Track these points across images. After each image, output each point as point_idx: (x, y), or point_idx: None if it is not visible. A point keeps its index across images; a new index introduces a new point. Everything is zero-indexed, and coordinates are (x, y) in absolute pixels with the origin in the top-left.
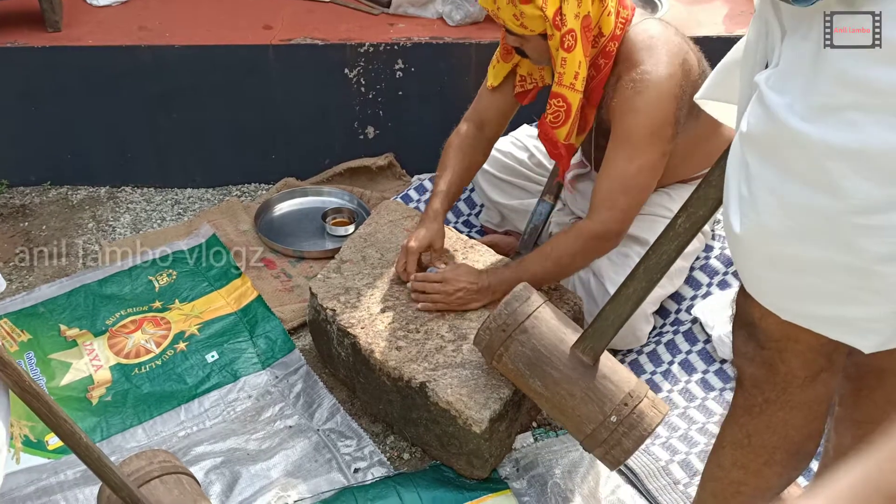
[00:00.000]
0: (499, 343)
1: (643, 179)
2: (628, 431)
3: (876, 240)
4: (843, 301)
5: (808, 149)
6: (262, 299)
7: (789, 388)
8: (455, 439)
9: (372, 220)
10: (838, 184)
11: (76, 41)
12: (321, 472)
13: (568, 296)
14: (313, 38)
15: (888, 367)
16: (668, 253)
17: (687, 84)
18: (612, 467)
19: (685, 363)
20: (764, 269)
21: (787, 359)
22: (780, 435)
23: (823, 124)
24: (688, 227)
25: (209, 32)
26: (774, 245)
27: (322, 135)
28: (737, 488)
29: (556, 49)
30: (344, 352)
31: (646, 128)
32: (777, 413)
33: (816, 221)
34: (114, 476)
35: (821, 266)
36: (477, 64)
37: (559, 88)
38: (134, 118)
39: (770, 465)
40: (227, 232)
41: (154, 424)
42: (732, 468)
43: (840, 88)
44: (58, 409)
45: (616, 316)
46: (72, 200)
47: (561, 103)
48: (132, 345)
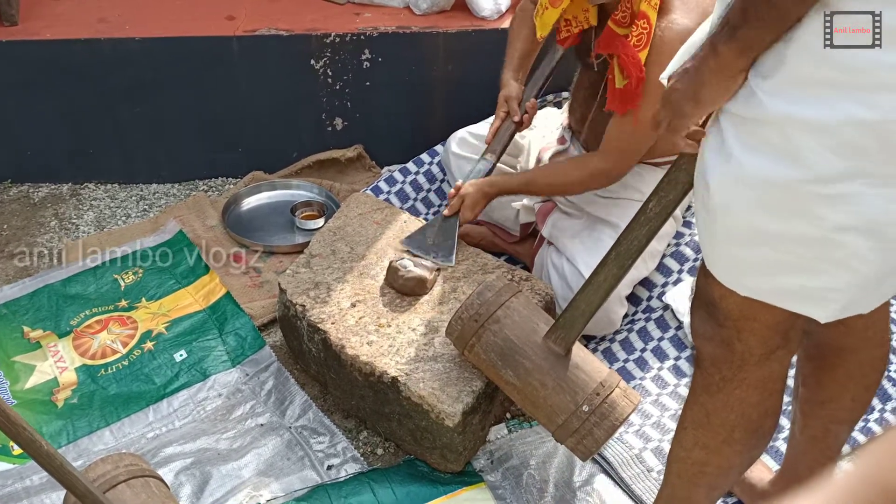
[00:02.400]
0: (471, 333)
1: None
2: (600, 421)
3: (835, 208)
4: (801, 271)
5: (777, 123)
6: (230, 296)
7: (745, 366)
8: (428, 433)
9: (341, 213)
10: (803, 156)
11: (33, 35)
12: (294, 471)
13: (539, 286)
14: (278, 28)
15: (847, 345)
16: (639, 238)
17: None
18: (584, 458)
19: (657, 350)
20: (725, 244)
21: (744, 337)
22: (738, 413)
23: (794, 100)
24: (658, 212)
25: (171, 24)
26: (735, 217)
27: (289, 127)
28: (700, 468)
29: None
30: (315, 348)
31: None
32: (734, 391)
33: (777, 192)
34: (78, 483)
35: (780, 238)
36: (445, 53)
37: (646, 8)
38: (96, 113)
39: (729, 443)
40: (194, 228)
41: (122, 426)
42: (694, 448)
43: (812, 66)
44: (16, 417)
45: (587, 304)
46: (33, 199)
47: (646, 24)
48: (98, 345)
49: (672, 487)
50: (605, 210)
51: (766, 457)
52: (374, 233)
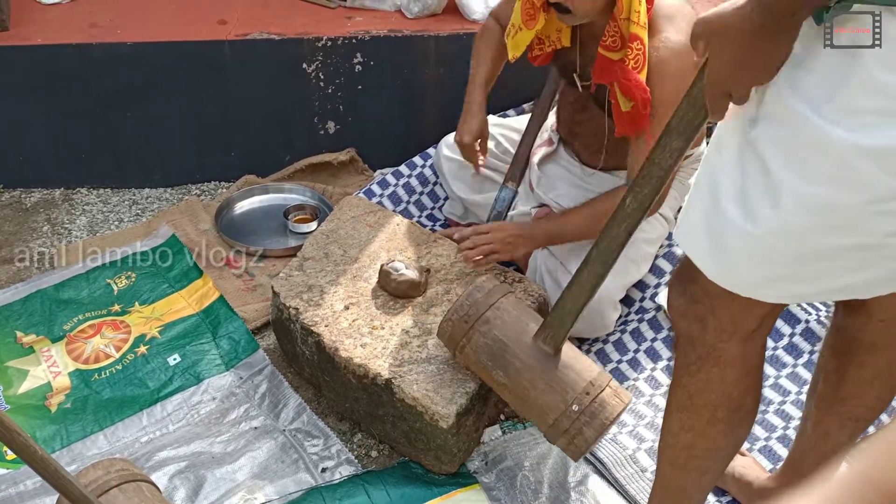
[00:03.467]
0: (461, 334)
1: None
2: (590, 420)
3: (890, 220)
4: (849, 272)
5: (835, 149)
6: (224, 299)
7: (720, 344)
8: (422, 435)
9: (334, 216)
10: (863, 180)
11: (25, 40)
12: (288, 473)
13: (532, 288)
14: (269, 32)
15: (880, 341)
16: (618, 235)
17: None
18: (575, 457)
19: (650, 351)
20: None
21: (718, 314)
22: (719, 392)
23: (851, 127)
24: (635, 208)
25: (162, 28)
26: (797, 242)
27: (282, 131)
28: (689, 452)
29: None
30: (308, 350)
31: (673, 94)
32: (712, 369)
33: (838, 215)
34: (72, 488)
35: (836, 250)
36: (436, 56)
37: (637, 29)
38: (88, 118)
39: (713, 423)
40: (187, 232)
41: (116, 430)
42: (681, 432)
43: (864, 93)
44: (9, 422)
45: (574, 303)
46: (25, 203)
47: (640, 45)
48: (91, 350)
49: (665, 477)
50: None
51: (760, 457)
52: (366, 236)
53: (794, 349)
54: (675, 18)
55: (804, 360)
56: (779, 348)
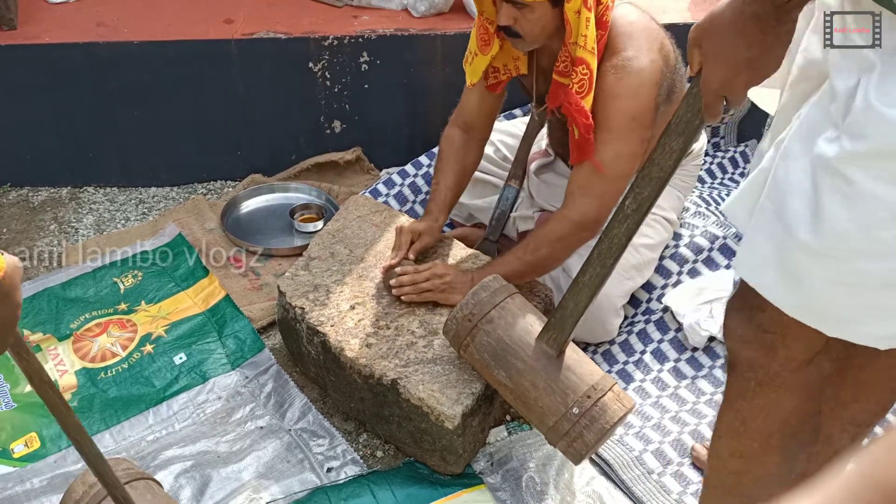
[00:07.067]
0: (465, 333)
1: (621, 166)
2: (590, 424)
3: None
4: None
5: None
6: (230, 299)
7: (784, 372)
8: (428, 435)
9: (340, 215)
10: None
11: (32, 39)
12: (294, 473)
13: (539, 288)
14: (276, 31)
15: None
16: (618, 237)
17: (667, 69)
18: (575, 461)
19: (657, 352)
20: (866, 294)
21: (789, 343)
22: (775, 418)
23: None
24: (635, 209)
25: (169, 27)
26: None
27: (288, 130)
28: (738, 479)
29: (575, 12)
30: (314, 350)
31: (626, 113)
32: (770, 395)
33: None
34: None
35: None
36: (443, 55)
37: (583, 53)
38: (95, 117)
39: (767, 451)
40: (193, 231)
41: (122, 429)
42: (730, 458)
43: None
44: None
45: (575, 304)
46: (33, 202)
47: (585, 70)
48: (98, 348)
49: (709, 499)
50: None
51: None
52: (372, 235)
53: None
54: (633, 36)
55: None
56: None
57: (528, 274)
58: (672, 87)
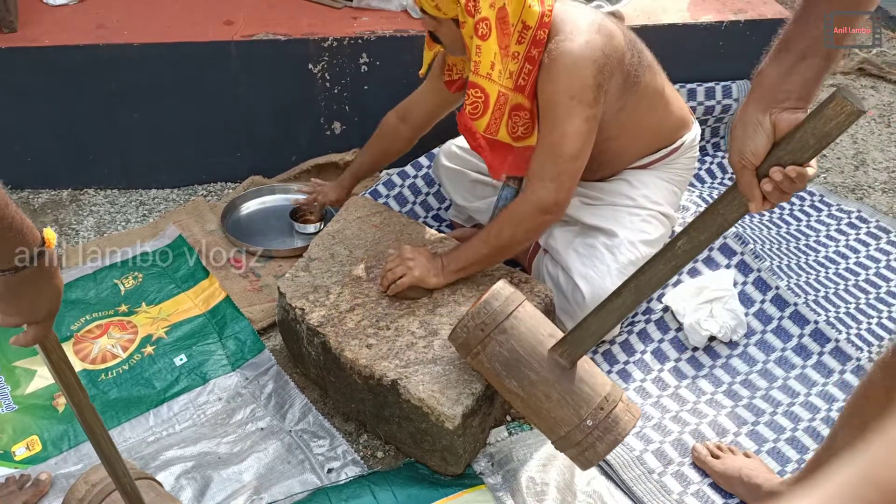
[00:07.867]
0: (476, 342)
1: (569, 146)
2: (603, 435)
3: None
4: None
5: None
6: (230, 300)
7: None
8: (428, 436)
9: (340, 216)
10: None
11: (32, 41)
12: (294, 474)
13: (539, 289)
14: (275, 33)
15: None
16: (662, 272)
17: (610, 49)
18: (584, 468)
19: (657, 352)
20: None
21: None
22: None
23: None
24: (687, 250)
25: (169, 29)
26: None
27: (288, 131)
28: None
29: (469, 37)
30: (314, 351)
31: (563, 93)
32: None
33: None
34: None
35: None
36: None
37: (476, 78)
38: (95, 119)
39: None
40: (193, 232)
41: (122, 431)
42: None
43: None
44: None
45: (599, 326)
46: (33, 204)
47: (479, 94)
48: (98, 350)
49: None
50: (598, 217)
51: (769, 459)
52: (372, 236)
53: (802, 350)
54: (565, 22)
55: (813, 362)
56: (787, 349)
57: (494, 256)
58: (629, 73)
